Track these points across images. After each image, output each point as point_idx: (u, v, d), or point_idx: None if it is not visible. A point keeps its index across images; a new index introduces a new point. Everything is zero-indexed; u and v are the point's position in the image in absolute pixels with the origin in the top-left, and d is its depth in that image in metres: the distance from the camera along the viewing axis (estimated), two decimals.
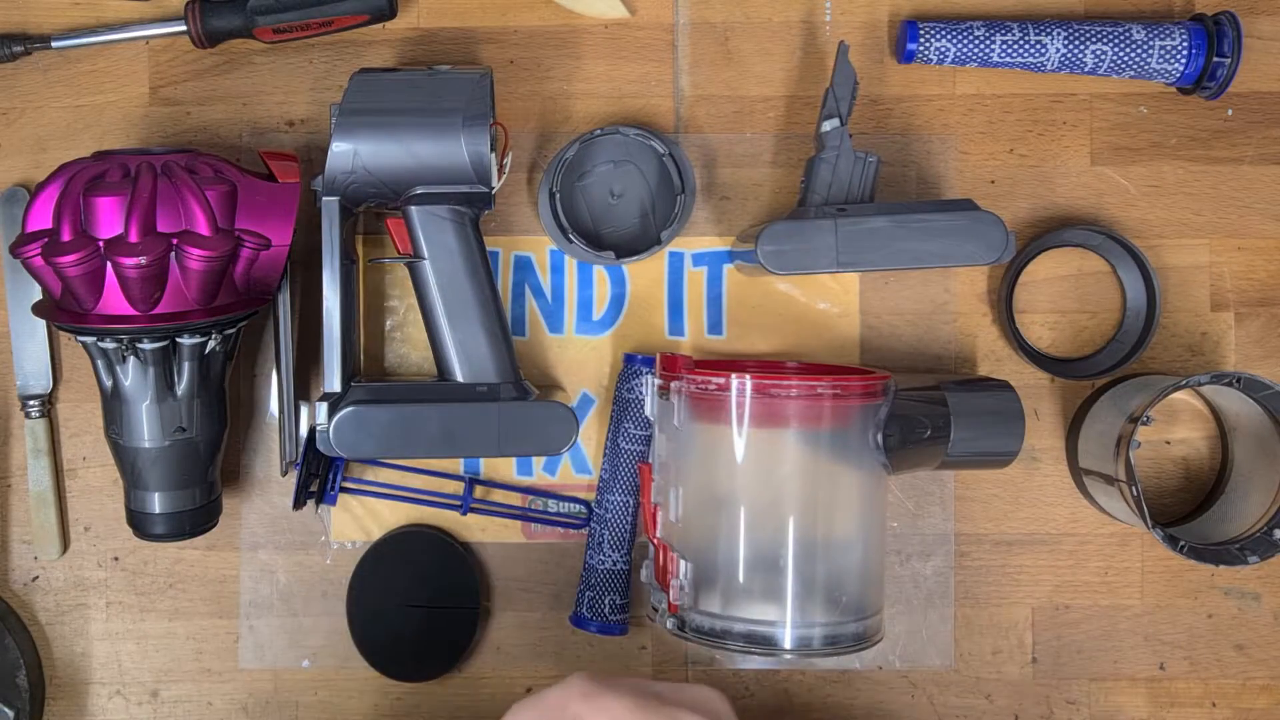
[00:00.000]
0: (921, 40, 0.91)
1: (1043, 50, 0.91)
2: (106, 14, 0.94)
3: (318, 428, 0.84)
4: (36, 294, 0.87)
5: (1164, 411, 0.94)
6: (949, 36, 0.91)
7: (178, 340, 0.82)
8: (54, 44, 0.92)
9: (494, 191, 0.86)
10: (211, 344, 0.83)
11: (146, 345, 0.81)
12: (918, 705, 0.94)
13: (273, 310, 0.89)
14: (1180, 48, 0.90)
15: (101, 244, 0.79)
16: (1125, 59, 0.90)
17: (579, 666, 0.93)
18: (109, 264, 0.79)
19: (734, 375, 0.82)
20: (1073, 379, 0.93)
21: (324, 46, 0.94)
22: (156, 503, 0.85)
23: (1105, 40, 0.90)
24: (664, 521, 0.85)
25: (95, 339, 0.82)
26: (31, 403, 0.93)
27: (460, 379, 0.87)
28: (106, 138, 0.94)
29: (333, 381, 0.85)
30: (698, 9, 0.94)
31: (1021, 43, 0.91)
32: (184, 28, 0.90)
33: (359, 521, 0.93)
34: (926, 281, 0.94)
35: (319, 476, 0.90)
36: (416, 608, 0.91)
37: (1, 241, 0.93)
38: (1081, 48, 0.90)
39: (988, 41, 0.91)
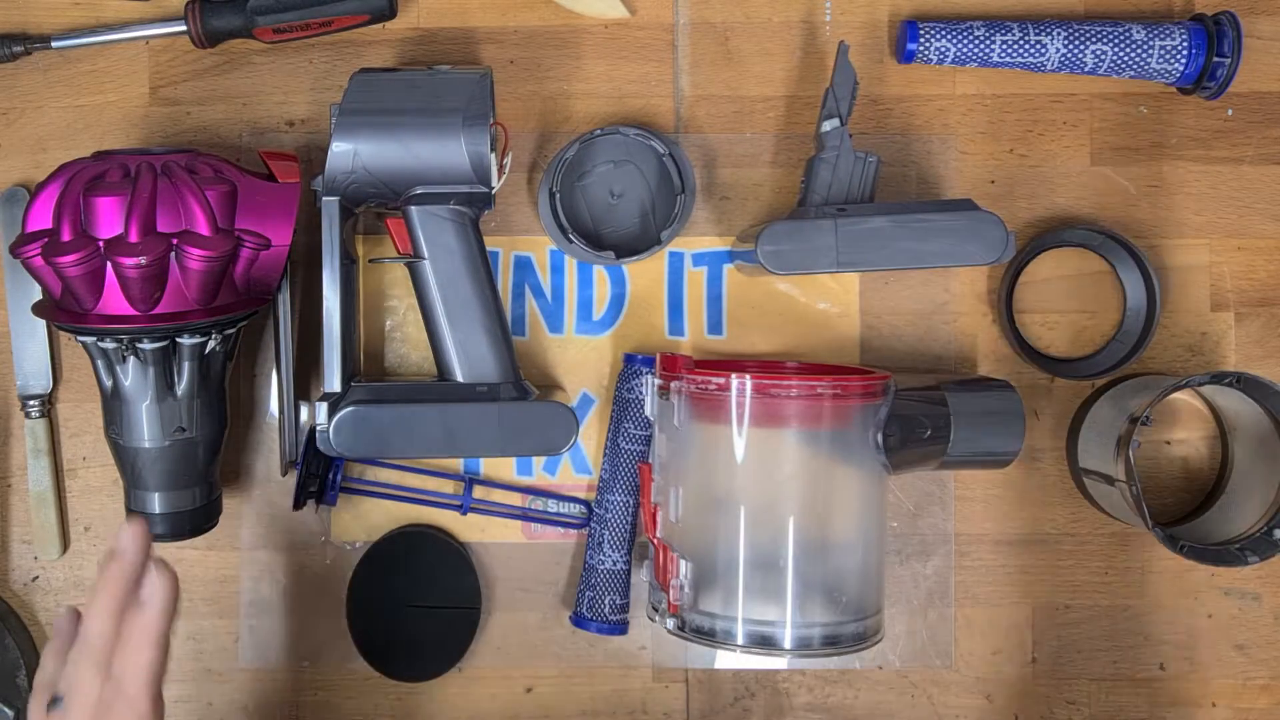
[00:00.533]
0: (921, 40, 0.91)
1: (1043, 50, 0.91)
2: (106, 14, 0.94)
3: (318, 428, 0.84)
4: (36, 294, 0.87)
5: (1164, 411, 0.94)
6: (949, 36, 0.91)
7: (178, 340, 0.82)
8: (54, 44, 0.92)
9: (494, 191, 0.86)
10: (211, 344, 0.83)
11: (146, 345, 0.81)
12: (918, 705, 0.94)
13: (273, 310, 0.89)
14: (1180, 48, 0.90)
15: (101, 244, 0.79)
16: (1125, 59, 0.90)
17: (579, 666, 0.93)
18: (109, 264, 0.79)
19: (734, 375, 0.82)
20: (1073, 379, 0.93)
21: (324, 46, 0.94)
22: (156, 503, 0.85)
23: (1105, 40, 0.90)
24: (664, 521, 0.85)
25: (95, 339, 0.81)
26: (31, 403, 0.93)
27: (460, 379, 0.87)
28: (106, 138, 0.94)
29: (333, 381, 0.85)
30: (698, 9, 0.94)
31: (1021, 43, 0.91)
32: (184, 28, 0.90)
33: (359, 521, 0.93)
34: (926, 281, 0.94)
35: (319, 476, 0.90)
36: (416, 608, 0.91)
37: (1, 241, 0.93)
38: (1081, 48, 0.90)
39: (988, 41, 0.91)
